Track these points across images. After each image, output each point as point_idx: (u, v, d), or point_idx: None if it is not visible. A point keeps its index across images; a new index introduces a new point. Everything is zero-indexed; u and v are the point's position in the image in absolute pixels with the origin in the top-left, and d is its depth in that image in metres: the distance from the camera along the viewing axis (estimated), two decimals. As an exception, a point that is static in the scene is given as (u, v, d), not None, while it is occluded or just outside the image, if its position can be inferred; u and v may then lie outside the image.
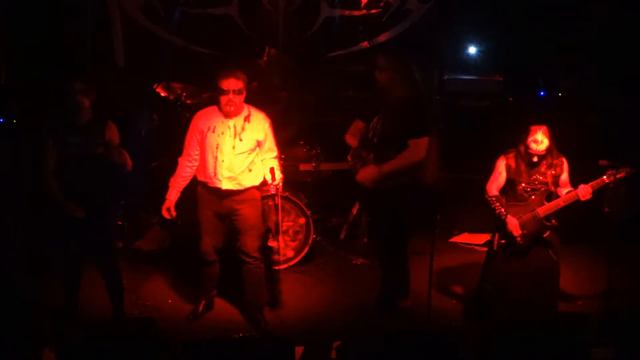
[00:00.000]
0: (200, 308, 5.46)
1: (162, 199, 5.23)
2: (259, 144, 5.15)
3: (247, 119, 5.09)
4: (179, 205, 5.25)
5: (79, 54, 7.02)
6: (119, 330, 4.93)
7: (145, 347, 4.05)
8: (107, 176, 4.92)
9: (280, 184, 5.03)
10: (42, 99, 6.47)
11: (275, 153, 5.23)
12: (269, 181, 5.04)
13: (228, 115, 5.06)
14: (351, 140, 5.43)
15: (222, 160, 5.05)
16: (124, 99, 6.77)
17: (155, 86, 7.05)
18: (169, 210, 5.18)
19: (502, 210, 5.15)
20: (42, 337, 4.77)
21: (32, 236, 6.09)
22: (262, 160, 5.19)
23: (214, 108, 5.13)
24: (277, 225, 5.19)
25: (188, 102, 6.85)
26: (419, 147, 5.11)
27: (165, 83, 7.00)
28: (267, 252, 5.61)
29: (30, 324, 5.09)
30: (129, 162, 5.00)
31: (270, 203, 5.16)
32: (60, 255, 5.04)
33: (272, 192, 5.03)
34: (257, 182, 5.20)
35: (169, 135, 6.33)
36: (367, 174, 5.18)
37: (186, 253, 5.88)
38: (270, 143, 5.20)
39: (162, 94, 7.04)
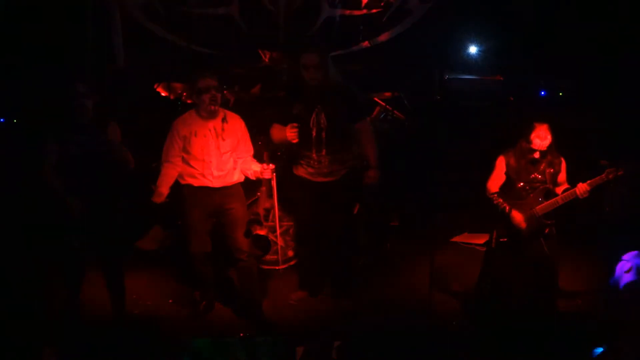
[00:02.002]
0: (201, 308, 5.48)
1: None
2: (238, 143, 5.23)
3: (224, 120, 5.20)
4: (177, 205, 5.25)
5: (79, 54, 7.02)
6: (119, 330, 4.95)
7: (145, 347, 4.06)
8: (109, 175, 4.93)
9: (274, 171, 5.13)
10: (43, 99, 6.47)
11: (251, 152, 5.32)
12: (262, 169, 5.10)
13: (209, 116, 5.13)
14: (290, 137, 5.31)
15: (210, 161, 5.12)
16: (125, 98, 6.78)
17: (155, 86, 7.05)
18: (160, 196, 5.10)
19: (506, 205, 5.15)
20: (42, 337, 4.77)
21: (33, 236, 6.09)
22: (238, 159, 5.25)
23: (191, 113, 5.21)
24: (268, 211, 5.20)
25: (188, 101, 6.84)
26: (369, 125, 5.47)
27: (165, 83, 7.00)
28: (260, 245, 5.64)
29: (30, 324, 5.10)
30: (132, 160, 5.02)
31: (263, 189, 5.18)
32: (61, 254, 5.03)
33: (267, 177, 5.12)
34: (241, 179, 5.29)
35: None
36: (373, 179, 5.37)
37: (186, 253, 5.88)
38: (246, 142, 5.30)
39: (163, 94, 7.04)
